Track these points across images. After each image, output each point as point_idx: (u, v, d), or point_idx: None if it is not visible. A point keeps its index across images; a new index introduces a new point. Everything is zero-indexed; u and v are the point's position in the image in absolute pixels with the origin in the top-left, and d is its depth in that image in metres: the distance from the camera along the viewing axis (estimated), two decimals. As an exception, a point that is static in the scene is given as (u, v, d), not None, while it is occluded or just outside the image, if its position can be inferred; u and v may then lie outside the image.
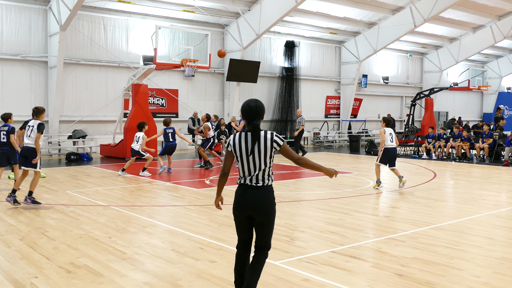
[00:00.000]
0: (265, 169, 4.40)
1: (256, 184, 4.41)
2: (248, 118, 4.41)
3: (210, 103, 24.99)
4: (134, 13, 21.99)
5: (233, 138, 4.49)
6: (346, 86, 30.59)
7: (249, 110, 4.41)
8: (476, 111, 41.87)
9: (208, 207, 9.49)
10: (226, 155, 4.57)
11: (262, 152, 4.36)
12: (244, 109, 4.44)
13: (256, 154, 4.37)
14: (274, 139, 4.36)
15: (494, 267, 5.91)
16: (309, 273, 5.57)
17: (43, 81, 20.10)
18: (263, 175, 4.41)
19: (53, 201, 10.03)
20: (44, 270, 5.65)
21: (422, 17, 25.33)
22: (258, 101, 4.49)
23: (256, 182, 4.41)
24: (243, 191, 4.48)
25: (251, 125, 4.40)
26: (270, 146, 4.36)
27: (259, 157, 4.37)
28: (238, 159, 4.47)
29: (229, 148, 4.53)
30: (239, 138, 4.44)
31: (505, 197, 11.34)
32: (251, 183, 4.43)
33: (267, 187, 4.43)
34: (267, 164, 4.40)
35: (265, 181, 4.42)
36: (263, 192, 4.41)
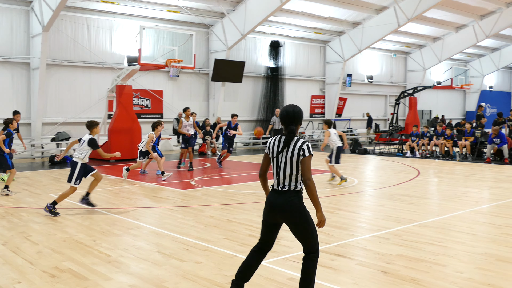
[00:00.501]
0: (292, 174, 4.40)
1: (282, 189, 4.44)
2: (285, 123, 4.45)
3: (195, 104, 24.92)
4: (118, 13, 21.85)
5: (270, 140, 4.57)
6: (331, 86, 30.72)
7: (286, 115, 4.45)
8: (459, 110, 42.30)
9: (193, 208, 9.48)
10: (264, 156, 4.65)
11: (289, 157, 4.38)
12: (282, 114, 4.48)
13: (283, 159, 4.41)
14: (302, 147, 4.36)
15: (477, 262, 5.98)
16: (295, 272, 5.58)
17: (26, 82, 19.88)
18: (290, 180, 4.41)
19: (36, 204, 9.94)
20: (27, 275, 5.60)
21: (406, 16, 25.52)
22: (296, 106, 4.52)
23: (283, 186, 4.44)
24: (271, 195, 4.52)
25: (287, 129, 4.43)
26: (297, 154, 4.36)
27: (286, 162, 4.40)
28: (272, 161, 4.53)
29: (266, 150, 4.61)
30: (274, 141, 4.52)
31: (487, 193, 11.48)
32: (278, 187, 4.46)
33: (292, 192, 4.41)
34: (293, 169, 4.39)
35: (291, 186, 4.41)
36: (287, 197, 4.40)
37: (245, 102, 26.96)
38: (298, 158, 4.37)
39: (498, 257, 6.17)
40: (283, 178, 4.42)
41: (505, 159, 17.41)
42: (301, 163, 4.37)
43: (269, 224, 4.56)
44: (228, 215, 8.76)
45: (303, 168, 4.36)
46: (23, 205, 9.82)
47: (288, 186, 4.41)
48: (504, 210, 9.28)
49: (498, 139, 17.57)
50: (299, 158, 4.36)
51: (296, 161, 4.37)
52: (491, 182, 13.16)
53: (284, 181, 4.42)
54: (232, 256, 6.22)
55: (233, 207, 9.53)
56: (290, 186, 4.41)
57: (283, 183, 4.42)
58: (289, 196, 4.39)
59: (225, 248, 6.61)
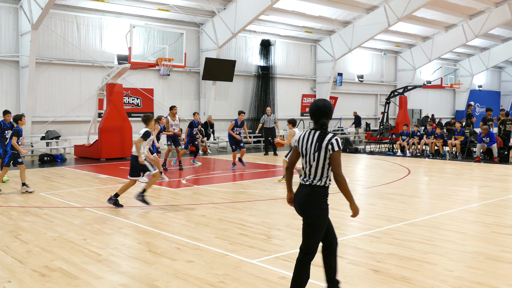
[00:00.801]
0: (318, 169, 4.35)
1: (305, 182, 4.41)
2: (316, 117, 4.42)
3: (186, 102, 24.87)
4: (108, 11, 21.74)
5: (300, 135, 4.54)
6: (322, 85, 30.78)
7: (317, 109, 4.42)
8: (449, 109, 42.58)
9: (185, 207, 9.46)
10: (293, 150, 4.61)
11: (317, 151, 4.33)
12: (312, 108, 4.46)
13: (312, 153, 4.36)
14: (330, 141, 4.31)
15: (467, 261, 6.03)
16: (286, 271, 5.59)
17: (15, 81, 19.73)
18: (315, 174, 4.36)
19: (26, 203, 9.87)
20: (17, 274, 5.56)
21: (396, 16, 25.64)
22: (326, 100, 4.49)
23: (307, 180, 4.40)
24: (298, 189, 4.49)
25: (318, 123, 4.39)
26: (325, 148, 4.30)
27: (314, 156, 4.35)
28: (302, 155, 4.49)
29: (295, 143, 4.57)
30: (304, 135, 4.48)
31: (477, 192, 11.56)
32: (303, 180, 4.44)
33: (315, 187, 4.36)
34: (319, 164, 4.34)
35: (315, 181, 4.36)
36: (308, 191, 4.36)
37: (236, 101, 26.95)
38: (327, 152, 4.31)
39: (488, 256, 6.22)
40: (309, 172, 4.39)
41: (495, 158, 17.54)
42: (330, 158, 4.32)
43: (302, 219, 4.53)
44: (219, 214, 8.75)
45: (333, 164, 4.32)
46: (12, 204, 9.75)
47: (312, 180, 4.37)
48: (493, 208, 9.35)
49: (488, 138, 17.70)
50: (328, 153, 4.31)
51: (324, 156, 4.32)
52: (481, 181, 13.26)
53: (309, 174, 4.39)
54: (223, 255, 6.22)
55: (224, 206, 9.52)
56: (315, 181, 4.36)
57: (308, 177, 4.39)
58: (309, 190, 4.36)
59: (216, 247, 6.60)
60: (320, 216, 4.35)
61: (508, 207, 9.57)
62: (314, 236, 4.41)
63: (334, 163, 4.30)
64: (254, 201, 10.07)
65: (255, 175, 14.31)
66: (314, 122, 4.46)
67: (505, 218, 8.60)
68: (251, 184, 12.53)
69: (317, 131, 4.39)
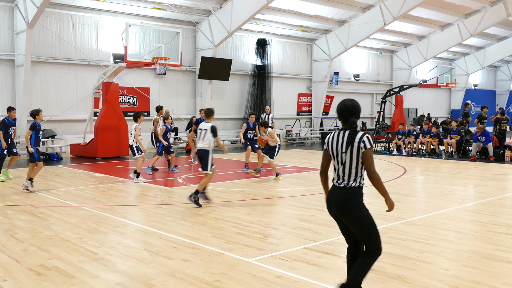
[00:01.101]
0: (351, 169, 4.31)
1: (339, 185, 4.37)
2: (344, 117, 4.37)
3: (182, 101, 24.84)
4: (104, 10, 21.67)
5: (328, 136, 4.48)
6: (318, 84, 30.79)
7: (345, 108, 4.36)
8: (445, 108, 42.67)
9: (181, 206, 9.45)
10: (323, 153, 4.57)
11: (349, 151, 4.29)
12: (340, 108, 4.40)
13: (344, 153, 4.31)
14: (362, 139, 4.27)
15: (463, 260, 6.04)
16: (282, 269, 5.60)
17: (10, 79, 19.66)
18: (349, 175, 4.32)
19: (22, 202, 9.84)
20: (13, 273, 5.54)
21: (392, 15, 25.67)
22: (354, 100, 4.45)
23: (341, 182, 4.36)
24: (330, 191, 4.48)
25: (348, 123, 4.35)
26: (357, 146, 4.27)
27: (346, 156, 4.31)
28: (333, 157, 4.43)
29: (325, 146, 4.50)
30: (333, 136, 4.43)
31: (473, 191, 11.60)
32: (337, 183, 4.40)
33: (350, 188, 4.32)
34: (353, 164, 4.30)
35: (350, 182, 4.32)
36: (344, 193, 4.33)
37: (232, 100, 26.93)
38: (359, 151, 4.28)
39: (484, 255, 6.24)
40: (343, 173, 4.34)
41: (490, 157, 17.60)
42: (363, 156, 4.29)
43: (338, 221, 4.52)
44: (216, 213, 8.75)
45: (365, 161, 4.29)
46: (8, 203, 9.72)
47: (346, 181, 4.33)
48: (489, 207, 9.38)
49: (483, 137, 17.75)
50: (360, 151, 4.28)
51: (357, 155, 4.28)
52: (477, 180, 13.30)
53: (343, 176, 4.35)
54: (220, 254, 6.22)
55: (220, 205, 9.52)
56: (349, 182, 4.32)
57: (342, 179, 4.35)
58: (345, 193, 4.32)
59: (212, 246, 6.60)
60: (360, 216, 4.33)
61: (503, 206, 9.60)
62: (368, 233, 4.39)
63: (367, 161, 4.28)
64: (250, 200, 10.07)
65: (251, 174, 14.29)
66: (342, 122, 4.41)
67: (501, 217, 8.62)
68: (247, 183, 12.53)
69: (347, 130, 4.35)
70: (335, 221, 4.58)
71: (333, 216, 4.51)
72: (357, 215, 4.31)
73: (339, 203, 4.34)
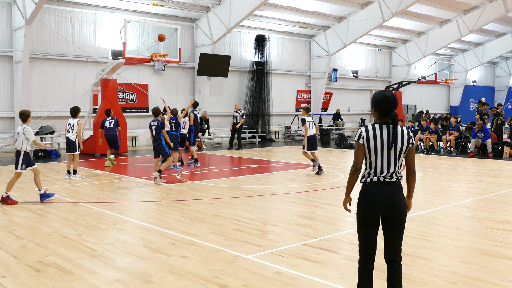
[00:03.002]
0: (397, 165, 4.08)
1: (390, 180, 4.08)
2: (384, 109, 4.06)
3: (180, 98, 24.81)
4: (102, 6, 21.62)
5: (365, 130, 4.12)
6: (317, 80, 30.78)
7: (386, 100, 4.05)
8: (443, 104, 42.68)
9: (180, 202, 9.45)
10: (357, 148, 4.16)
11: (399, 146, 4.05)
12: (380, 99, 4.07)
13: (393, 148, 4.04)
14: (410, 135, 4.10)
15: (461, 256, 6.05)
16: (281, 266, 5.60)
17: (8, 76, 19.62)
18: (395, 171, 4.08)
19: (20, 198, 9.83)
20: (11, 269, 5.54)
21: (391, 11, 25.65)
22: (391, 91, 4.21)
23: (390, 177, 4.08)
24: (377, 188, 4.08)
25: (389, 116, 4.06)
26: (407, 141, 4.06)
27: (395, 151, 4.05)
28: (370, 153, 4.09)
29: (361, 141, 4.13)
30: (373, 130, 4.09)
31: (471, 188, 11.60)
32: (385, 179, 4.07)
33: (398, 183, 4.10)
34: (400, 159, 4.09)
35: (398, 177, 4.10)
36: (398, 188, 4.09)
37: (231, 97, 26.90)
38: (408, 146, 4.08)
39: (482, 251, 6.25)
40: (388, 168, 4.06)
41: (489, 153, 17.61)
42: (409, 152, 4.11)
43: (373, 221, 4.16)
44: (215, 210, 8.75)
45: (411, 157, 4.12)
46: (6, 200, 9.70)
47: (395, 177, 4.09)
48: (487, 204, 9.39)
49: (482, 133, 17.77)
50: (408, 147, 4.08)
51: (405, 150, 4.07)
52: (475, 176, 13.31)
53: (389, 171, 4.07)
54: (218, 251, 6.22)
55: (219, 202, 9.52)
56: (397, 177, 4.10)
57: (390, 174, 4.07)
58: (398, 188, 4.09)
59: (211, 242, 6.60)
60: (406, 214, 4.16)
61: (502, 202, 9.61)
62: (402, 236, 4.22)
63: (413, 156, 4.13)
64: (249, 197, 10.08)
65: (250, 170, 14.30)
66: (379, 114, 4.10)
67: (499, 213, 8.64)
68: (246, 180, 12.53)
69: (389, 124, 4.07)
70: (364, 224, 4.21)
71: (374, 217, 4.15)
72: (405, 213, 4.15)
73: (396, 198, 4.06)
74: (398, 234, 4.16)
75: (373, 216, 4.13)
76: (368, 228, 4.19)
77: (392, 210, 4.07)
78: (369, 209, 4.11)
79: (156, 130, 12.02)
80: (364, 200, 4.14)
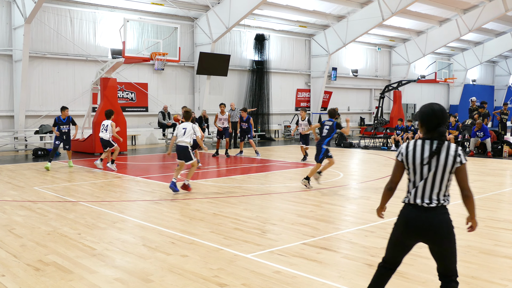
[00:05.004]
0: (442, 187, 3.70)
1: (429, 205, 3.71)
2: (431, 124, 3.70)
3: (180, 97, 24.82)
4: (102, 5, 21.62)
5: (406, 146, 3.82)
6: (316, 79, 30.78)
7: (433, 114, 3.72)
8: (443, 103, 42.62)
9: (179, 201, 9.45)
10: (395, 165, 3.91)
11: (441, 166, 3.67)
12: (427, 113, 3.74)
13: (433, 168, 3.68)
14: (458, 153, 3.68)
15: (461, 255, 6.03)
16: (280, 265, 5.60)
17: (8, 75, 19.62)
18: (439, 194, 3.71)
19: (20, 197, 9.83)
20: (11, 268, 5.54)
21: (390, 10, 25.64)
22: (439, 104, 3.83)
23: (429, 202, 3.71)
24: (412, 213, 3.77)
25: (436, 132, 3.70)
26: (452, 161, 3.67)
27: (436, 171, 3.68)
28: (409, 171, 3.80)
29: (399, 158, 3.86)
30: (414, 146, 3.75)
31: (471, 187, 11.59)
32: (422, 202, 3.72)
33: (441, 208, 3.72)
34: (444, 181, 3.70)
35: (440, 201, 3.71)
36: (437, 215, 3.70)
37: (231, 96, 26.90)
38: (453, 166, 3.68)
39: (481, 250, 6.25)
40: (430, 191, 3.70)
41: (488, 152, 17.62)
42: (458, 172, 3.71)
43: (404, 245, 3.91)
44: (214, 209, 8.76)
45: (461, 178, 3.72)
46: (6, 198, 9.71)
47: (436, 201, 3.71)
48: (487, 203, 9.39)
49: (482, 132, 17.77)
50: (455, 166, 3.69)
51: (450, 170, 3.69)
52: (474, 176, 13.31)
53: (431, 194, 3.71)
54: (218, 250, 6.22)
55: (219, 201, 9.52)
56: (439, 201, 3.71)
57: (429, 198, 3.71)
58: (440, 214, 3.71)
59: (211, 241, 6.60)
60: (454, 239, 3.79)
61: (501, 201, 9.62)
62: (455, 255, 3.85)
63: (464, 177, 3.72)
64: (248, 196, 10.08)
65: (250, 169, 14.30)
66: (426, 129, 3.76)
67: (499, 212, 8.64)
68: (245, 179, 12.54)
69: (433, 140, 3.71)
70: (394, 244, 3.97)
71: (407, 241, 3.89)
72: (452, 239, 3.76)
73: (434, 225, 3.70)
74: (446, 255, 3.82)
75: (405, 242, 3.89)
76: (397, 248, 3.97)
77: (428, 239, 3.78)
78: (401, 234, 3.86)
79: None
80: (398, 223, 3.88)
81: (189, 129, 10.26)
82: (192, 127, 10.30)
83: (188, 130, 10.25)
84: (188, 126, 10.30)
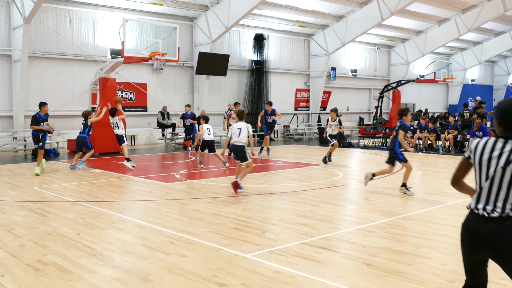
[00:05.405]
0: (509, 192, 3.19)
1: (490, 214, 3.23)
2: (510, 122, 3.26)
3: (179, 97, 24.81)
4: (101, 5, 21.61)
5: (476, 142, 3.42)
6: (315, 79, 30.78)
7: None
8: (442, 103, 42.71)
9: (178, 201, 9.45)
10: (460, 161, 3.59)
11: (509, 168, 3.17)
12: (507, 109, 3.26)
13: (502, 169, 3.21)
14: None
15: (460, 255, 5.99)
16: (280, 265, 5.60)
17: (7, 75, 19.61)
18: (505, 201, 3.21)
19: (19, 197, 9.83)
20: (10, 268, 5.54)
21: (389, 10, 25.65)
22: None
23: (492, 209, 3.24)
24: (472, 222, 3.33)
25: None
26: None
27: (504, 174, 3.21)
28: (475, 172, 3.43)
29: (467, 154, 3.49)
30: (484, 144, 3.34)
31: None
32: (485, 210, 3.27)
33: (507, 218, 3.19)
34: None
35: (506, 210, 3.20)
36: (500, 226, 3.19)
37: (230, 95, 26.91)
38: None
39: (480, 249, 6.25)
40: (495, 197, 3.25)
41: (487, 152, 17.60)
42: None
43: (472, 259, 3.43)
44: (213, 208, 8.75)
45: None
46: (5, 198, 9.71)
47: (501, 209, 3.21)
48: (485, 202, 9.38)
49: (481, 132, 17.78)
50: None
51: None
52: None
53: (495, 202, 3.24)
54: (218, 249, 6.22)
55: (218, 200, 9.52)
56: (504, 211, 3.20)
57: (493, 205, 3.24)
58: (503, 224, 3.19)
59: (210, 241, 6.60)
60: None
61: (500, 201, 9.61)
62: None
63: None
64: (248, 196, 10.08)
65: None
66: (504, 128, 3.29)
67: (498, 211, 8.63)
68: (244, 179, 12.51)
69: (509, 139, 3.25)
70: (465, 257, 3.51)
71: (471, 255, 3.42)
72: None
73: (496, 238, 3.19)
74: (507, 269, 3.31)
75: (469, 254, 3.42)
76: (466, 261, 3.52)
77: (491, 252, 3.27)
78: (462, 243, 3.45)
79: None
80: (461, 232, 3.46)
81: (244, 129, 10.28)
82: (246, 126, 10.32)
83: (243, 130, 10.27)
84: (243, 125, 10.32)
